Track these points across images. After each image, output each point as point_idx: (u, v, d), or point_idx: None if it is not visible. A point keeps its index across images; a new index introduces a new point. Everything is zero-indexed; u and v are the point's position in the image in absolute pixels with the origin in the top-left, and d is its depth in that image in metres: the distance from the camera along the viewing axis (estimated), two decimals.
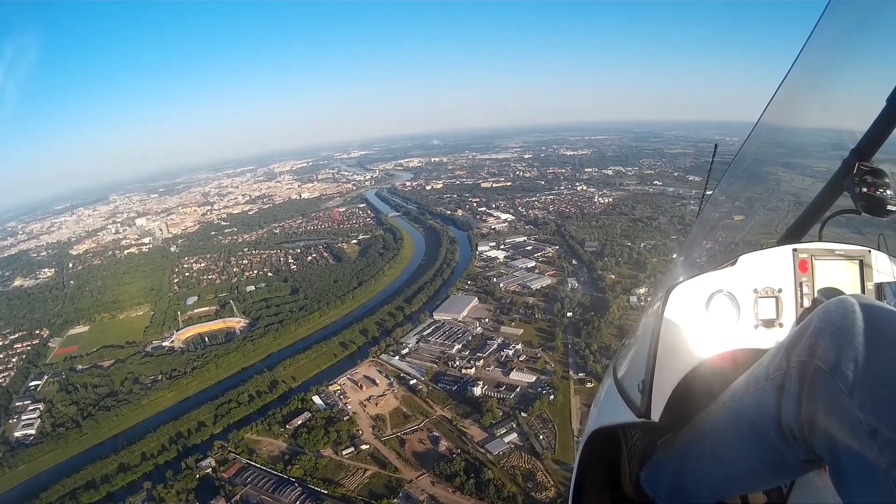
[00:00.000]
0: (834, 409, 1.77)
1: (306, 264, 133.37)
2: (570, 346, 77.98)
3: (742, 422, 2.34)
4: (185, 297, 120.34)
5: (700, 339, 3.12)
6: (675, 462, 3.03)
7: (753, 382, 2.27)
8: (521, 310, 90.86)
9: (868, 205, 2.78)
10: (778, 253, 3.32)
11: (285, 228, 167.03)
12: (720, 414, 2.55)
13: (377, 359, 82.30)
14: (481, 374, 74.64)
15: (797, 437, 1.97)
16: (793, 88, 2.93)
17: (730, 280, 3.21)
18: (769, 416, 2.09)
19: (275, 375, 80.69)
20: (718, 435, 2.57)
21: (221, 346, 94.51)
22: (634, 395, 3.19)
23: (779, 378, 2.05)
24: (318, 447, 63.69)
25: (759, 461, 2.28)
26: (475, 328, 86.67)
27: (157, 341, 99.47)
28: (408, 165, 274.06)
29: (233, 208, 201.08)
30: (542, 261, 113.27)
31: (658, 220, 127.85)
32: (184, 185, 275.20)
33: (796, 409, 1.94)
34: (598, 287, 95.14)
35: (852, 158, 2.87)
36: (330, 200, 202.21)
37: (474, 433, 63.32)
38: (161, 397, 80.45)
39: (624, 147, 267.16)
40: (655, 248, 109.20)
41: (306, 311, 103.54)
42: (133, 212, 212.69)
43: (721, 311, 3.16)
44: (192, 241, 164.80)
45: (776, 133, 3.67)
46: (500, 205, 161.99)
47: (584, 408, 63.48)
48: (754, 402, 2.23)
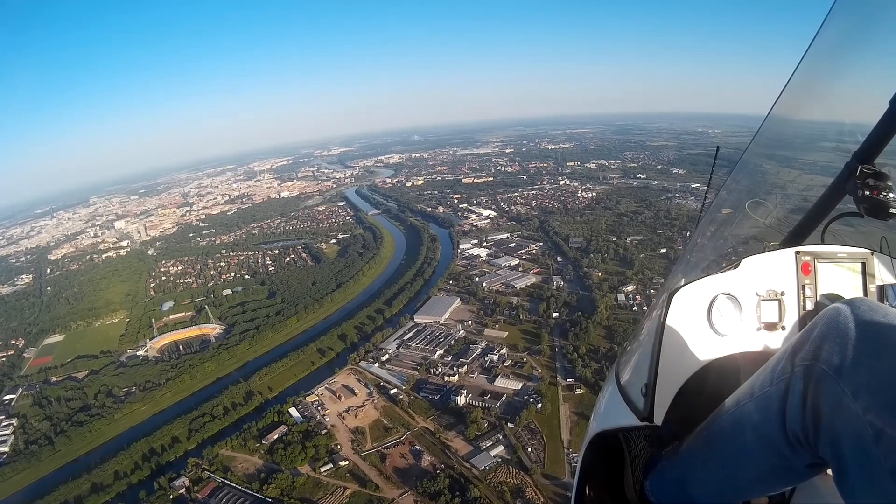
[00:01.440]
0: (838, 413, 1.79)
1: (284, 266, 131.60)
2: (558, 350, 75.33)
3: (746, 427, 2.33)
4: (162, 302, 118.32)
5: (703, 343, 3.07)
6: (680, 468, 2.98)
7: (758, 387, 2.28)
8: (505, 311, 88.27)
9: (870, 207, 2.81)
10: (780, 256, 3.27)
11: (264, 229, 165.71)
12: (724, 419, 2.53)
13: (356, 366, 79.50)
14: (465, 381, 71.76)
15: (802, 442, 2.00)
16: (795, 92, 2.93)
17: (732, 283, 3.16)
18: (774, 420, 2.11)
19: (250, 386, 78.14)
20: (723, 440, 2.54)
21: (196, 354, 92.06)
22: (637, 398, 3.11)
23: (783, 382, 2.08)
24: (295, 464, 60.81)
25: (764, 466, 2.29)
26: (458, 331, 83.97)
27: (131, 350, 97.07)
28: (388, 162, 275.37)
29: (212, 209, 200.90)
30: (525, 258, 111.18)
31: (643, 214, 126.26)
32: (164, 186, 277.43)
33: (801, 413, 1.96)
34: (585, 285, 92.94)
35: (855, 161, 2.88)
36: (309, 199, 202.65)
37: (459, 446, 60.39)
38: (134, 411, 77.75)
39: (606, 140, 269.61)
40: (642, 243, 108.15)
41: (283, 315, 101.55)
42: (112, 214, 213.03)
43: (724, 315, 3.09)
44: (169, 243, 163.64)
45: (778, 136, 3.61)
46: (481, 201, 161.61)
47: (574, 416, 61.62)
48: (758, 406, 2.24)
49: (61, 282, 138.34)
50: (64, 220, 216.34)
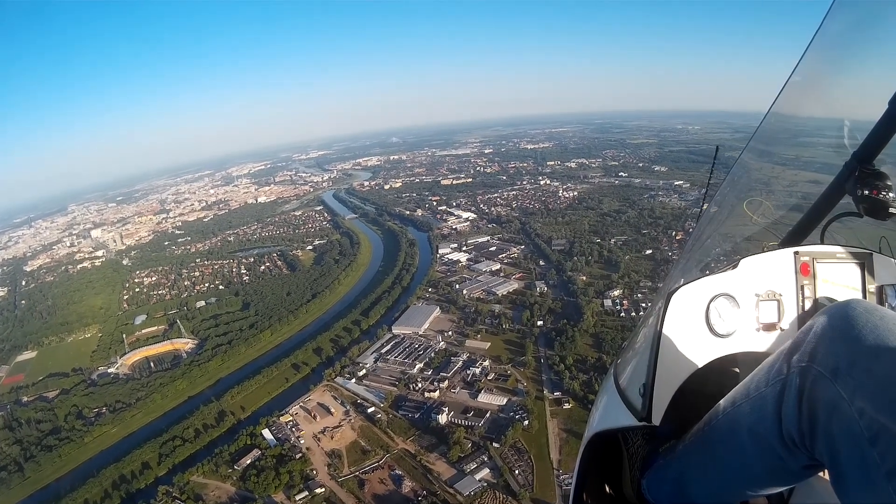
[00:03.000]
0: (834, 416, 1.80)
1: (259, 275, 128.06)
2: (543, 361, 71.81)
3: (742, 428, 2.34)
4: (134, 315, 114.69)
5: (701, 343, 3.07)
6: (677, 468, 2.96)
7: (754, 388, 2.29)
8: (486, 319, 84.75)
9: (870, 207, 2.82)
10: (779, 256, 3.27)
11: (240, 236, 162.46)
12: (721, 419, 2.54)
13: (331, 382, 75.74)
14: (446, 397, 68.11)
15: (798, 444, 2.01)
16: (795, 91, 2.97)
17: (731, 283, 3.16)
18: (770, 421, 2.13)
19: (222, 405, 74.54)
20: (719, 441, 2.55)
21: (167, 372, 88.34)
22: (635, 398, 3.11)
23: (779, 383, 2.09)
24: (269, 491, 57.39)
25: (760, 467, 2.31)
26: (438, 343, 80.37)
27: (103, 367, 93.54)
28: (366, 164, 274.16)
29: (188, 215, 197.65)
30: (507, 262, 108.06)
31: (627, 213, 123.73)
32: (141, 193, 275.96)
33: (797, 415, 1.97)
34: (569, 290, 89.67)
35: (854, 161, 2.90)
36: (286, 204, 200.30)
37: (441, 469, 56.63)
38: (105, 433, 74.38)
39: (586, 139, 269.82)
40: (627, 244, 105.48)
41: (257, 328, 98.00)
42: (90, 222, 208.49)
43: (722, 315, 3.08)
44: (145, 252, 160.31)
45: (777, 135, 3.64)
46: (461, 202, 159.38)
47: (563, 434, 58.21)
48: (755, 407, 2.25)
49: (36, 295, 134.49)
50: (42, 230, 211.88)
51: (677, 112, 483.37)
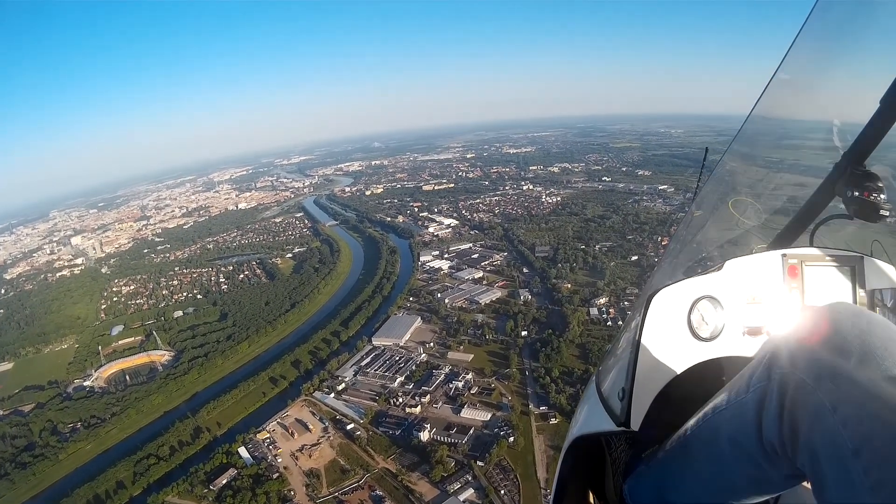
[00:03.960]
0: (817, 425, 1.71)
1: (238, 284, 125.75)
2: (528, 373, 69.67)
3: (723, 435, 2.26)
4: (112, 326, 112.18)
5: (683, 347, 3.01)
6: (658, 474, 2.92)
7: (734, 394, 2.20)
8: (469, 330, 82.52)
9: (860, 209, 2.80)
10: (766, 258, 3.20)
11: (219, 243, 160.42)
12: (701, 426, 2.46)
13: (310, 397, 73.17)
14: (428, 412, 65.71)
15: (779, 453, 1.92)
16: (782, 90, 2.93)
17: (715, 286, 3.10)
18: (750, 430, 2.05)
19: (198, 421, 72.23)
20: (699, 448, 2.48)
21: (143, 385, 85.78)
22: (615, 403, 3.08)
23: (759, 390, 2.00)
24: None
25: (740, 476, 2.23)
26: (419, 355, 77.99)
27: (78, 380, 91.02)
28: (348, 170, 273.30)
29: (168, 222, 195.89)
30: (490, 270, 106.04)
31: (611, 219, 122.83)
32: (123, 199, 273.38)
33: (777, 423, 1.88)
34: (554, 298, 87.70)
35: (844, 162, 2.89)
36: (267, 210, 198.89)
37: (424, 490, 54.28)
38: (80, 450, 71.93)
39: (568, 143, 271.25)
40: (612, 250, 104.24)
41: (234, 340, 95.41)
42: (70, 229, 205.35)
43: (705, 318, 3.04)
44: (124, 260, 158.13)
45: (765, 136, 3.60)
46: (442, 208, 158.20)
47: (550, 451, 55.82)
48: (735, 415, 2.18)
49: (14, 304, 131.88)
50: (23, 236, 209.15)
51: (660, 115, 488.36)
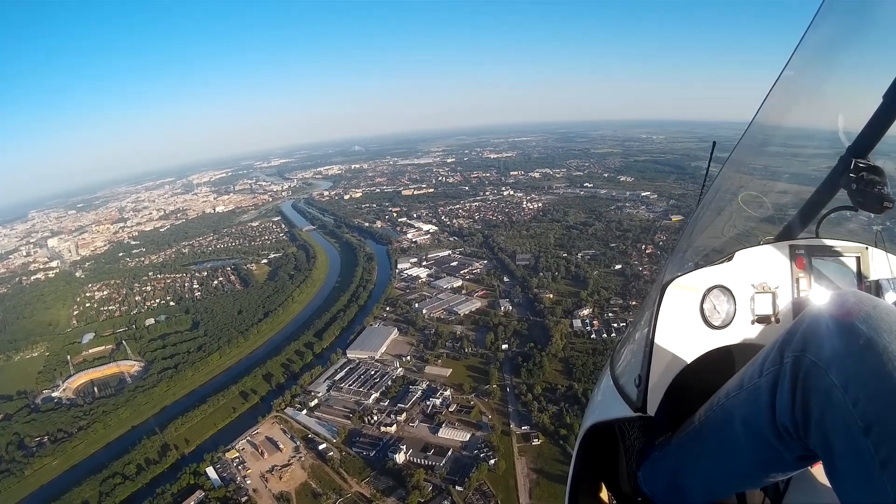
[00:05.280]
0: (828, 405, 1.82)
1: (211, 290, 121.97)
2: (509, 390, 66.54)
3: (737, 419, 2.36)
4: (83, 333, 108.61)
5: (696, 335, 3.12)
6: (672, 460, 2.98)
7: (748, 379, 2.30)
8: (448, 342, 79.35)
9: (865, 201, 2.83)
10: (775, 249, 3.36)
11: (195, 247, 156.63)
12: (715, 411, 2.56)
13: (281, 413, 69.55)
14: (404, 431, 62.37)
15: (792, 434, 2.02)
16: (789, 85, 2.95)
17: (726, 275, 3.23)
18: (763, 412, 2.14)
19: (166, 438, 68.85)
20: (713, 433, 2.58)
21: (111, 398, 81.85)
22: (631, 390, 3.13)
23: (773, 374, 2.10)
24: None
25: (754, 459, 2.33)
26: (395, 369, 74.62)
27: (47, 390, 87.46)
28: (327, 173, 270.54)
29: (145, 225, 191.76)
30: (469, 279, 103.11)
31: (594, 226, 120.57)
32: (102, 200, 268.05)
33: (790, 405, 1.98)
34: (536, 309, 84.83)
35: (849, 155, 2.91)
36: (244, 214, 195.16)
37: None
38: (45, 466, 68.58)
39: (550, 148, 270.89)
40: (594, 258, 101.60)
41: (205, 351, 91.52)
42: (48, 230, 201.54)
43: (717, 307, 3.17)
44: (99, 263, 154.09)
45: (773, 130, 3.61)
46: (421, 214, 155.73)
47: (533, 474, 52.82)
48: (748, 398, 2.26)
49: None
50: (0, 237, 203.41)
51: (641, 121, 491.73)
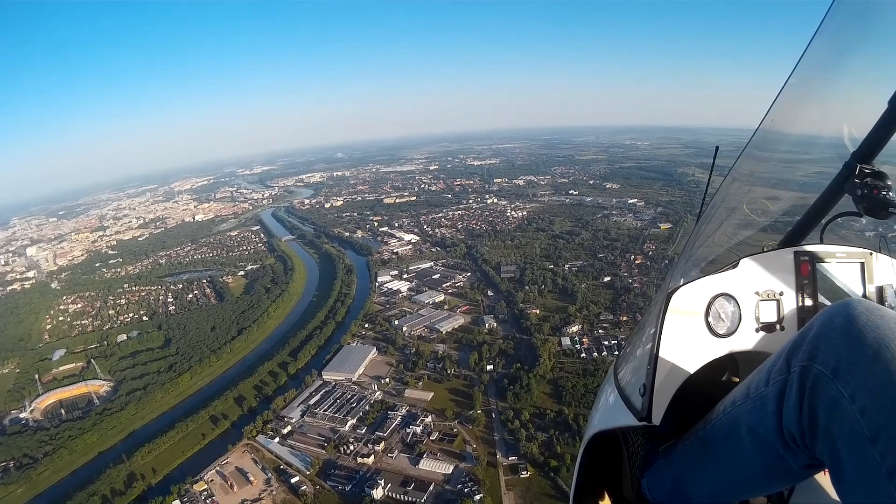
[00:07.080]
0: (835, 415, 1.82)
1: (186, 304, 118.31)
2: (495, 416, 62.56)
3: (743, 427, 2.35)
4: (54, 349, 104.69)
5: (701, 343, 3.11)
6: (676, 468, 2.99)
7: (754, 387, 2.29)
8: (429, 363, 75.38)
9: (869, 207, 2.80)
10: (779, 256, 3.34)
11: (172, 258, 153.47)
12: (721, 419, 2.56)
13: (252, 441, 65.34)
14: (382, 463, 58.18)
15: (799, 443, 2.02)
16: (794, 92, 2.94)
17: (731, 283, 3.22)
18: (770, 421, 2.14)
19: (132, 466, 65.03)
20: (719, 440, 2.56)
21: (77, 422, 77.75)
22: (636, 398, 3.13)
23: (780, 383, 2.10)
24: None
25: (760, 467, 2.32)
26: (373, 392, 70.61)
27: (16, 411, 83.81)
28: (309, 181, 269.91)
29: (124, 233, 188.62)
30: (452, 293, 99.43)
31: (580, 235, 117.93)
32: (83, 207, 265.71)
33: (797, 414, 1.98)
34: (522, 326, 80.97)
35: (854, 161, 2.89)
36: (224, 223, 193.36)
37: None
38: (10, 494, 64.95)
39: (533, 155, 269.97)
40: (582, 270, 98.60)
41: (176, 371, 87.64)
42: (28, 239, 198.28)
43: (722, 315, 3.15)
44: (75, 274, 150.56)
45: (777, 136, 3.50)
46: (403, 223, 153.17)
47: None
48: (755, 407, 2.26)
49: None
50: None
51: (625, 127, 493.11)
